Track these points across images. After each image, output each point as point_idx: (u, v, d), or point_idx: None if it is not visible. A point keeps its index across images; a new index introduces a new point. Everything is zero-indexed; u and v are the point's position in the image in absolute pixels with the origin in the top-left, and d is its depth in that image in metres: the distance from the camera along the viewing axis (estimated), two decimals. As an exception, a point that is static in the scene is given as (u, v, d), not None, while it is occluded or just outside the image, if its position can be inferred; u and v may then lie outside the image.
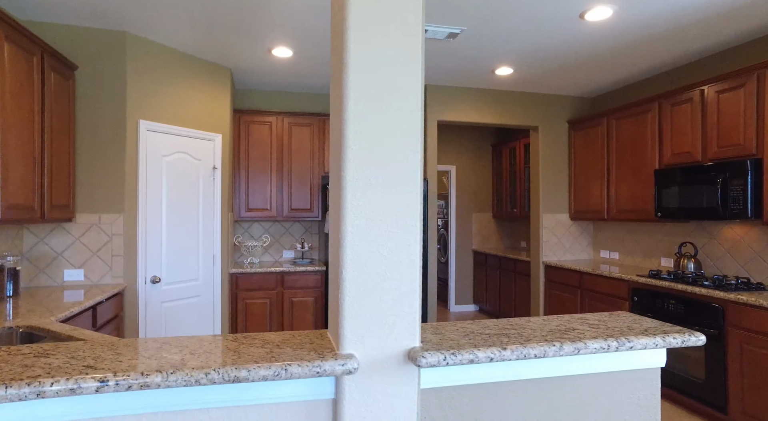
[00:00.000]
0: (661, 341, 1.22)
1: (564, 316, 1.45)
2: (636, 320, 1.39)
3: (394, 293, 1.11)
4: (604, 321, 1.38)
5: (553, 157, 4.98)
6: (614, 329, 1.29)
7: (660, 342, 1.21)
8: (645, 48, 3.58)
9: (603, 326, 1.31)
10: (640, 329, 1.28)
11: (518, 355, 1.11)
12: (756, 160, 3.03)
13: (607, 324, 1.34)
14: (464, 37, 3.37)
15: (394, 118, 1.12)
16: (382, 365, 1.09)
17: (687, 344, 1.24)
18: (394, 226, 1.11)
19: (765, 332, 2.71)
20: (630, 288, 3.74)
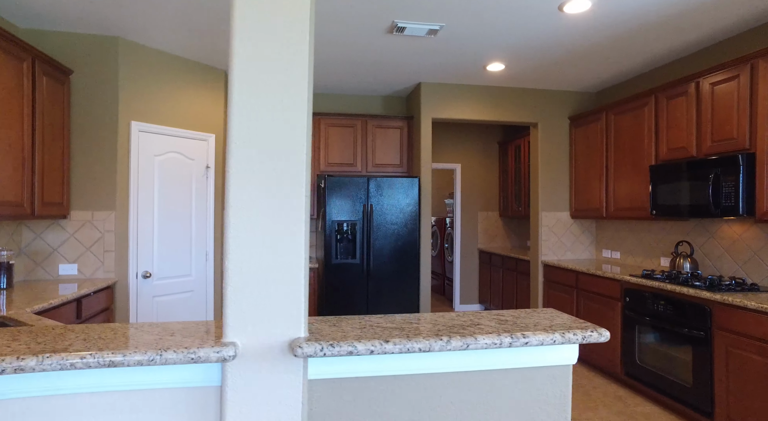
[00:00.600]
0: (560, 337, 1.19)
1: (484, 312, 1.44)
2: (553, 316, 1.37)
3: (277, 283, 1.13)
4: (519, 317, 1.37)
5: (554, 154, 4.88)
6: (521, 325, 1.27)
7: (558, 338, 1.19)
8: (637, 40, 3.47)
9: (512, 322, 1.30)
10: (545, 325, 1.26)
11: (401, 348, 1.11)
12: (749, 155, 2.89)
13: (518, 321, 1.32)
14: (448, 33, 3.35)
15: (278, 114, 1.14)
16: (266, 354, 1.11)
17: (588, 341, 1.21)
18: (277, 218, 1.13)
19: (750, 335, 2.59)
20: (622, 288, 3.63)
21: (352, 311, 4.23)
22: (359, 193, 4.24)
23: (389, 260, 4.28)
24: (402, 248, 4.30)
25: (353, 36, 3.41)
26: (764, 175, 2.79)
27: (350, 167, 4.75)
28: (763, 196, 2.80)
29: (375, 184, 4.27)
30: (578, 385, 3.71)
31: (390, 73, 4.31)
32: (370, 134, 4.79)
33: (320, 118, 4.72)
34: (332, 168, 4.73)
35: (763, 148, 2.81)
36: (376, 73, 4.34)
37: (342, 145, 4.75)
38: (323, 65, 4.08)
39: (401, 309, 4.30)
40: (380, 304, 4.27)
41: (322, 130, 4.72)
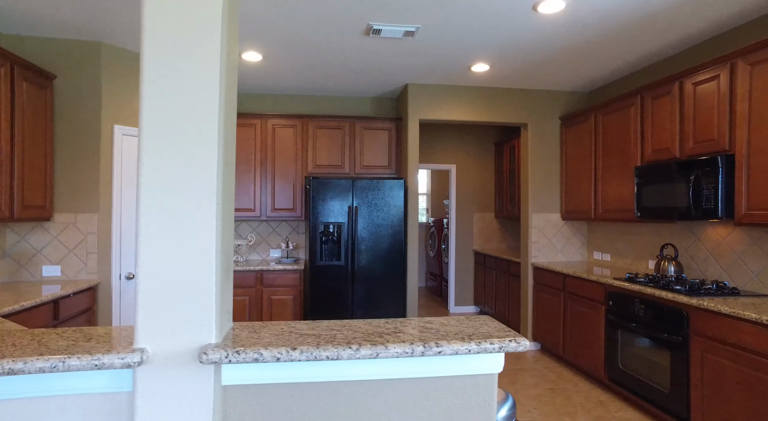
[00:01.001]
0: (475, 346, 1.18)
1: (413, 320, 1.43)
2: (481, 325, 1.36)
3: (187, 290, 1.14)
4: (447, 325, 1.36)
5: (544, 155, 4.83)
6: (443, 333, 1.26)
7: (474, 347, 1.18)
8: (619, 40, 3.41)
9: (435, 330, 1.29)
10: (467, 334, 1.25)
11: (308, 356, 1.11)
12: (728, 157, 2.82)
13: (443, 329, 1.31)
14: (427, 35, 3.34)
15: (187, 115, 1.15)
16: (176, 360, 1.12)
17: (506, 350, 1.20)
18: (188, 223, 1.14)
19: (724, 341, 2.53)
20: (606, 292, 3.57)
21: (338, 313, 4.24)
22: (344, 195, 4.25)
23: (375, 262, 4.28)
24: (388, 250, 4.30)
25: (331, 39, 3.41)
26: (742, 177, 2.73)
27: (338, 169, 4.76)
28: (741, 198, 2.74)
29: (360, 186, 4.27)
30: (562, 389, 3.67)
31: (376, 74, 4.31)
32: (358, 136, 4.79)
33: (308, 120, 4.73)
34: (320, 170, 4.74)
35: (741, 150, 2.75)
36: (362, 75, 4.33)
37: (330, 147, 4.76)
38: (306, 68, 4.09)
39: (387, 311, 4.29)
40: (365, 306, 4.27)
41: (310, 132, 4.73)
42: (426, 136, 6.46)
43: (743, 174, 2.73)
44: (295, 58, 3.83)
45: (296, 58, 3.85)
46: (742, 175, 2.74)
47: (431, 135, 6.48)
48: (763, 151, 2.62)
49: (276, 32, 3.30)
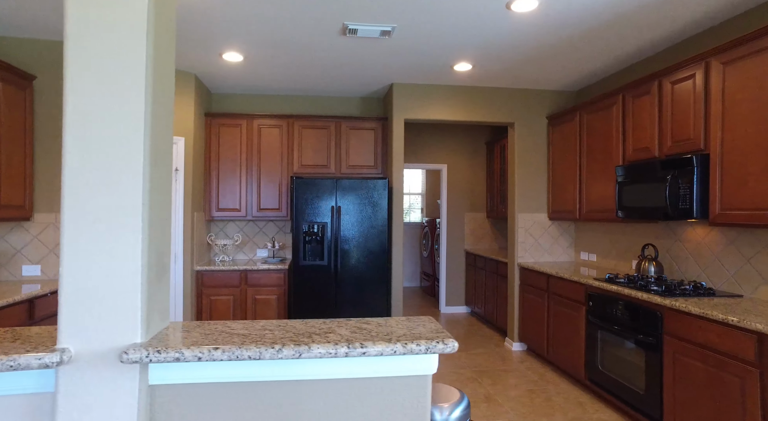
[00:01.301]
0: (401, 347, 1.17)
1: (352, 320, 1.42)
2: (417, 326, 1.35)
3: (111, 289, 1.14)
4: (385, 326, 1.35)
5: (532, 154, 4.80)
6: (375, 333, 1.26)
7: (399, 349, 1.17)
8: (598, 38, 3.39)
9: (368, 331, 1.29)
10: (399, 335, 1.25)
11: (230, 356, 1.11)
12: (703, 156, 2.80)
13: (379, 329, 1.31)
14: (404, 34, 3.33)
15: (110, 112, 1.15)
16: (99, 360, 1.13)
17: (433, 352, 1.19)
18: (111, 223, 1.15)
19: (694, 341, 2.51)
20: (587, 292, 3.55)
21: (321, 313, 4.25)
22: (327, 195, 4.25)
23: (359, 262, 4.28)
24: (372, 250, 4.29)
25: (310, 39, 3.41)
26: (716, 177, 2.70)
27: (324, 169, 4.77)
28: (715, 198, 2.71)
29: (344, 186, 4.27)
30: (542, 390, 3.65)
31: (359, 74, 4.30)
32: (344, 136, 4.79)
33: (294, 120, 4.74)
34: (306, 170, 4.75)
35: (716, 150, 2.72)
36: (345, 75, 4.33)
37: (316, 147, 4.76)
38: (287, 68, 4.09)
39: (371, 311, 4.29)
40: (349, 306, 4.27)
41: (295, 132, 4.74)
42: (417, 135, 6.45)
43: (717, 174, 2.71)
44: (276, 58, 3.84)
45: (277, 59, 3.86)
46: (716, 175, 2.71)
47: (422, 135, 6.47)
48: (735, 150, 2.59)
49: (255, 32, 3.31)
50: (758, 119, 2.46)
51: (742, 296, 2.82)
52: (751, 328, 2.14)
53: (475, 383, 3.79)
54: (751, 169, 2.49)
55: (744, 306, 2.51)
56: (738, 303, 2.59)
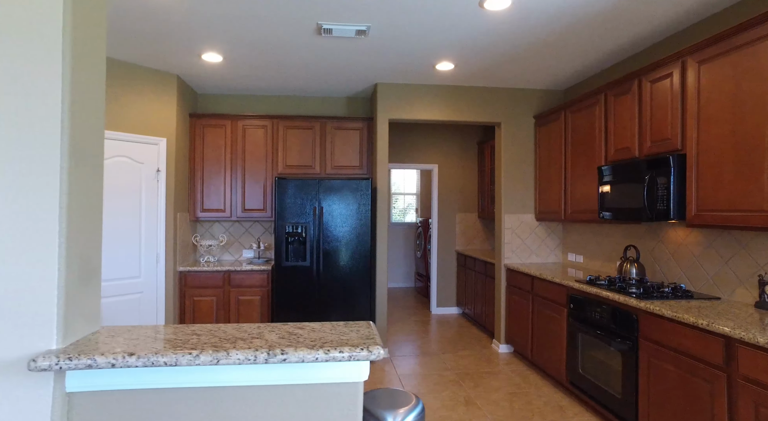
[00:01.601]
0: (323, 354, 1.14)
1: (288, 325, 1.40)
2: (351, 331, 1.32)
3: (24, 294, 1.12)
4: (319, 331, 1.33)
5: (519, 154, 4.76)
6: (305, 339, 1.23)
7: (321, 356, 1.14)
8: (577, 36, 3.34)
9: (298, 336, 1.26)
10: (328, 341, 1.22)
11: (145, 362, 1.08)
12: (680, 156, 2.75)
13: (312, 335, 1.28)
14: (381, 34, 3.30)
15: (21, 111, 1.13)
16: (9, 368, 1.11)
17: (357, 359, 1.16)
18: (22, 227, 1.12)
19: (667, 345, 2.46)
20: (568, 294, 3.51)
21: (303, 314, 4.22)
22: (310, 195, 4.23)
23: (341, 263, 4.26)
24: (355, 250, 4.26)
25: (286, 39, 3.39)
26: (692, 178, 2.65)
27: (309, 169, 4.75)
28: (692, 199, 2.66)
29: (327, 186, 4.24)
30: (524, 393, 3.61)
31: (340, 74, 4.28)
32: (329, 136, 4.77)
33: (278, 121, 4.72)
34: (291, 170, 4.73)
35: (692, 150, 2.67)
36: (327, 75, 4.31)
37: (301, 148, 4.74)
38: (266, 69, 4.07)
39: (354, 313, 4.26)
40: (332, 308, 4.25)
41: (280, 132, 4.72)
42: (407, 135, 6.42)
43: (693, 174, 2.65)
44: (255, 58, 3.82)
45: (256, 59, 3.84)
46: (693, 175, 2.66)
47: (413, 135, 6.43)
48: (710, 150, 2.54)
49: (233, 33, 3.29)
50: (731, 119, 2.41)
51: (719, 298, 2.77)
52: (719, 331, 2.09)
53: (456, 386, 3.75)
54: (725, 169, 2.44)
55: (718, 309, 2.45)
56: (713, 306, 2.54)
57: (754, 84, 2.28)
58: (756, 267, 2.60)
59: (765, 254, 2.55)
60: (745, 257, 2.67)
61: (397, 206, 8.93)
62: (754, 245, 2.62)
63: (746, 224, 2.31)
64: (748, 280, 2.65)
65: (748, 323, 2.12)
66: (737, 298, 2.72)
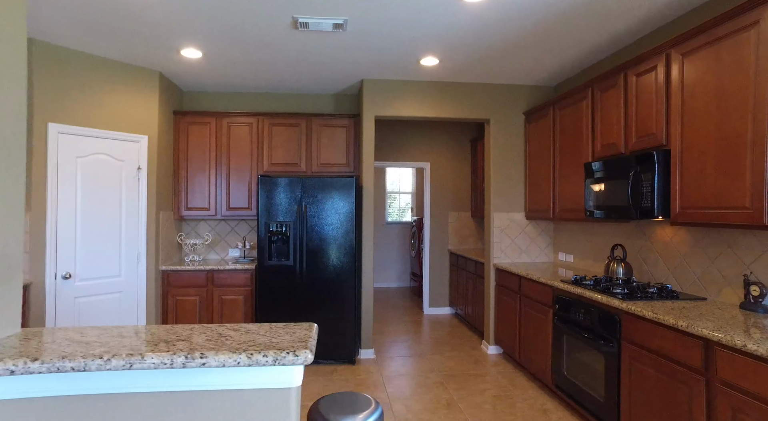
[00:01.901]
0: (246, 358, 1.07)
1: (225, 326, 1.32)
2: (285, 333, 1.25)
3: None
4: (253, 333, 1.25)
5: (508, 152, 4.66)
6: (232, 342, 1.16)
7: (244, 360, 1.07)
8: (562, 29, 3.25)
9: (228, 338, 1.19)
10: (252, 344, 1.14)
11: (50, 368, 1.01)
12: (664, 152, 2.65)
13: (243, 337, 1.20)
14: (362, 28, 3.22)
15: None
16: None
17: (282, 363, 1.08)
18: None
19: (648, 347, 2.37)
20: (554, 295, 3.41)
21: (287, 315, 4.15)
22: (294, 194, 4.16)
23: (326, 262, 4.18)
24: (340, 250, 4.19)
25: (264, 34, 3.32)
26: (677, 174, 2.56)
27: (295, 167, 4.68)
28: (676, 196, 2.56)
29: (311, 184, 4.17)
30: (508, 396, 3.52)
31: (323, 70, 4.20)
32: (316, 133, 4.69)
33: (264, 118, 4.65)
34: (276, 168, 4.66)
35: (676, 145, 2.57)
36: (309, 71, 4.23)
37: (287, 145, 4.67)
38: (246, 64, 4.01)
39: (339, 313, 4.19)
40: (315, 308, 4.18)
41: (265, 129, 4.65)
42: (398, 133, 6.34)
43: (677, 170, 2.56)
44: (235, 54, 3.75)
45: (236, 55, 3.77)
46: (677, 171, 2.56)
47: (404, 132, 6.35)
48: (694, 146, 2.44)
49: (209, 27, 3.22)
50: (714, 113, 2.31)
51: (706, 299, 2.67)
52: (697, 333, 2.00)
53: (440, 388, 3.66)
54: (709, 165, 2.35)
55: (702, 310, 2.36)
56: (697, 307, 2.44)
57: (736, 77, 2.18)
58: (742, 266, 2.50)
59: (751, 253, 2.45)
60: (731, 255, 2.57)
61: (395, 205, 8.85)
62: (740, 244, 2.52)
63: (729, 221, 2.21)
64: (734, 280, 2.55)
65: (729, 325, 2.03)
66: (723, 298, 2.62)
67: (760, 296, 2.27)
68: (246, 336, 1.21)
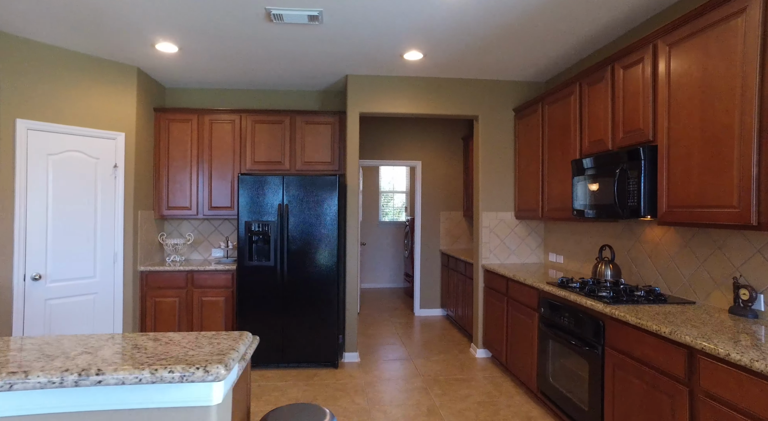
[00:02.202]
0: (149, 375, 0.95)
1: (145, 336, 1.20)
2: (210, 344, 1.13)
3: None
4: (176, 344, 1.13)
5: (497, 149, 4.53)
6: (149, 355, 1.04)
7: (147, 377, 0.95)
8: (548, 20, 3.12)
9: (144, 350, 1.07)
10: (164, 357, 1.02)
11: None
12: (651, 148, 2.52)
13: (159, 350, 1.09)
14: (340, 20, 3.09)
15: None
16: None
17: (189, 380, 0.96)
18: None
19: (631, 355, 2.24)
20: (540, 298, 3.28)
21: (268, 317, 4.04)
22: (274, 192, 4.04)
23: (308, 263, 4.06)
24: (323, 250, 4.07)
25: (239, 27, 3.20)
26: (664, 171, 2.42)
27: (278, 166, 4.56)
28: (663, 194, 2.43)
29: (292, 183, 4.05)
30: (492, 402, 3.39)
31: (306, 65, 4.08)
32: (300, 131, 4.57)
33: (246, 115, 4.54)
34: (259, 167, 4.54)
35: (663, 141, 2.44)
36: (294, 67, 4.11)
37: (270, 143, 4.56)
38: (224, 59, 3.89)
39: (321, 316, 4.07)
40: (297, 310, 4.06)
41: (248, 127, 4.54)
42: (389, 131, 6.21)
43: (664, 167, 2.43)
44: (212, 48, 3.64)
45: (213, 49, 3.66)
46: (664, 168, 2.43)
47: (395, 130, 6.23)
48: (681, 141, 2.31)
49: (183, 21, 3.11)
50: (701, 106, 2.18)
51: (695, 302, 2.54)
52: (681, 341, 1.87)
53: (422, 394, 3.54)
54: (695, 161, 2.22)
55: (688, 315, 2.23)
56: (684, 311, 2.31)
57: (723, 67, 2.05)
58: (731, 269, 2.36)
59: (741, 255, 2.32)
60: (720, 257, 2.44)
61: (391, 205, 8.72)
62: (729, 245, 2.39)
63: (717, 221, 2.08)
64: (723, 282, 2.42)
65: (715, 332, 1.90)
66: (712, 302, 2.49)
67: (750, 300, 2.14)
68: (163, 348, 1.09)
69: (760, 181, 1.88)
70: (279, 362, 4.05)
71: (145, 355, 1.03)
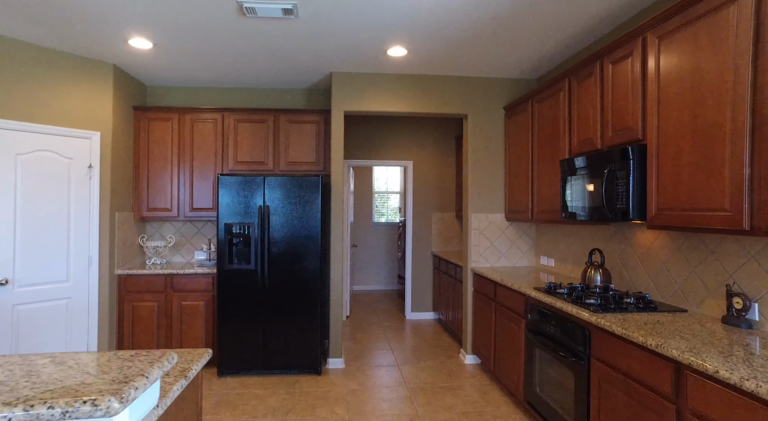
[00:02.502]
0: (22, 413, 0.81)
1: (55, 356, 1.07)
2: (114, 369, 0.99)
3: None
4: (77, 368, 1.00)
5: (487, 149, 4.39)
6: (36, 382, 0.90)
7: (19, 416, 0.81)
8: (537, 13, 2.98)
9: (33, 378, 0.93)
10: (54, 387, 0.89)
11: None
12: (640, 147, 2.38)
13: (54, 376, 0.95)
14: (316, 14, 2.96)
15: None
16: None
17: (74, 417, 0.83)
18: None
19: (617, 367, 2.10)
20: (526, 304, 3.14)
21: (249, 322, 3.90)
22: (255, 193, 3.91)
23: (290, 266, 3.93)
24: (306, 253, 3.93)
25: (211, 22, 3.07)
26: (653, 171, 2.28)
27: (262, 166, 4.42)
28: (652, 196, 2.29)
29: (273, 184, 3.92)
30: (477, 412, 3.25)
31: (288, 62, 3.94)
32: (284, 130, 4.44)
33: (229, 114, 4.40)
34: (242, 167, 4.41)
35: (652, 139, 2.30)
36: (274, 64, 3.98)
37: (253, 143, 4.42)
38: (200, 56, 3.75)
39: (302, 320, 3.93)
40: (278, 315, 3.92)
41: (230, 126, 4.41)
42: (379, 130, 6.08)
43: (653, 167, 2.29)
44: (187, 44, 3.51)
45: (188, 45, 3.53)
46: (653, 168, 2.29)
47: (385, 129, 6.09)
48: (671, 139, 2.17)
49: (154, 15, 2.98)
50: (690, 102, 2.04)
51: (686, 310, 2.39)
52: (667, 354, 1.73)
53: (406, 403, 3.40)
54: (686, 160, 2.07)
55: (678, 325, 2.09)
56: (674, 321, 2.17)
57: (713, 61, 1.91)
58: (725, 275, 2.22)
59: (734, 261, 2.17)
60: (713, 263, 2.30)
61: (387, 206, 8.58)
62: (722, 250, 2.24)
63: (708, 224, 1.94)
64: (717, 290, 2.28)
65: (705, 344, 1.76)
66: (705, 310, 2.34)
67: (744, 310, 2.00)
68: (62, 374, 0.95)
69: (752, 183, 1.74)
70: (261, 368, 3.92)
71: (31, 384, 0.90)
